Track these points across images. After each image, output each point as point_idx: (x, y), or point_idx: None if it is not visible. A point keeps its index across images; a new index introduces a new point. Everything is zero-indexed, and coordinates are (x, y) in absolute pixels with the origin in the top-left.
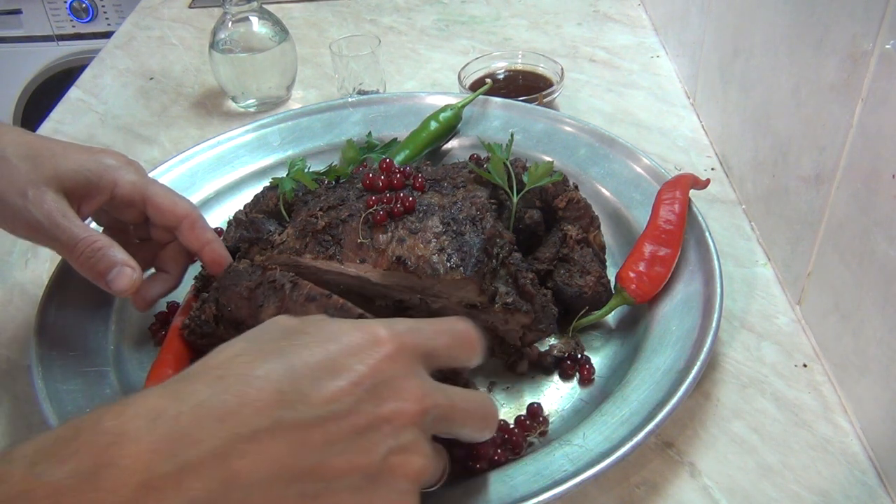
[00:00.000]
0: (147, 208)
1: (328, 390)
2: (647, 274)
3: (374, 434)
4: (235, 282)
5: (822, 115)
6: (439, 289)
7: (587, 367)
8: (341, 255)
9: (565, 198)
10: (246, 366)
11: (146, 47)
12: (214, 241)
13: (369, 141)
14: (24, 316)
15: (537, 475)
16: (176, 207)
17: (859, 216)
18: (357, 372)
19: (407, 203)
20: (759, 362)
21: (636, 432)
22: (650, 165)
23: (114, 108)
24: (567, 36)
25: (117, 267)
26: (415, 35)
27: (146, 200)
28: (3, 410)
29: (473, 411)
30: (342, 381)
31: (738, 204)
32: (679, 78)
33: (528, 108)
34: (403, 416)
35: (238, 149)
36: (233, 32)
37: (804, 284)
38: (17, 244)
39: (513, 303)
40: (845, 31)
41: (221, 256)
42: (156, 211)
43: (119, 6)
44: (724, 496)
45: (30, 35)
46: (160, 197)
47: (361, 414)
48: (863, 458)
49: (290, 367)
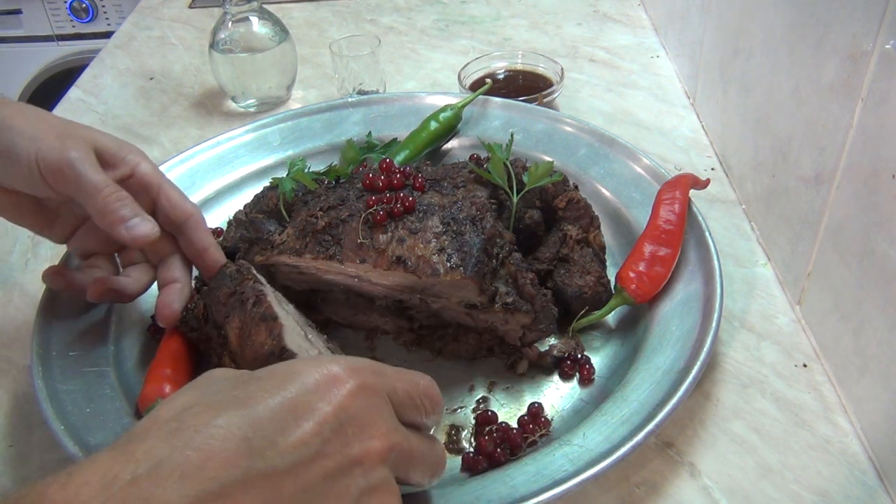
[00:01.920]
0: (160, 198)
1: (296, 434)
2: (647, 274)
3: (345, 478)
4: (218, 285)
5: (822, 115)
6: (439, 289)
7: (587, 367)
8: (341, 255)
9: (565, 198)
10: (202, 417)
11: (146, 47)
12: (214, 245)
13: (369, 141)
14: (24, 316)
15: (537, 475)
16: (186, 203)
17: (859, 216)
18: (321, 411)
19: (407, 203)
20: (759, 362)
21: (636, 432)
22: (650, 165)
23: (114, 108)
24: (567, 36)
25: (139, 217)
26: (415, 35)
27: (161, 189)
28: (3, 410)
29: (428, 456)
30: (308, 422)
31: (738, 204)
32: (679, 78)
33: (528, 108)
34: (373, 455)
35: (238, 149)
36: (233, 32)
37: (804, 284)
38: (17, 244)
39: (513, 303)
40: (845, 31)
41: (219, 263)
42: (168, 202)
43: (119, 6)
44: (724, 496)
45: (30, 35)
46: (174, 191)
47: (331, 456)
48: (863, 458)
49: (251, 414)
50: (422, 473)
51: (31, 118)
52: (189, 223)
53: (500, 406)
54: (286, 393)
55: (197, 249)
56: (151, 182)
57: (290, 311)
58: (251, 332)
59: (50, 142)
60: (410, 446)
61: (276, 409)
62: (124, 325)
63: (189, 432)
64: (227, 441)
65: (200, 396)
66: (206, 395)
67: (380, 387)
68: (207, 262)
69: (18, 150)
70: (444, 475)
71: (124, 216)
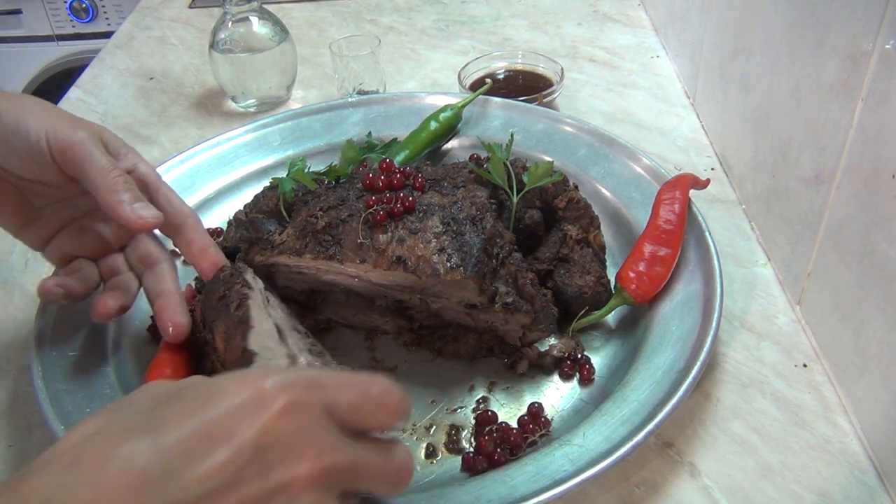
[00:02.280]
0: (159, 197)
1: (206, 463)
2: (647, 274)
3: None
4: (211, 289)
5: (822, 115)
6: (439, 289)
7: (587, 367)
8: (341, 255)
9: (565, 198)
10: (103, 447)
11: (146, 47)
12: (213, 246)
13: (369, 141)
14: (25, 316)
15: (537, 475)
16: (182, 205)
17: (859, 216)
18: (241, 436)
19: (407, 203)
20: (759, 362)
21: (636, 432)
22: (650, 165)
23: (114, 108)
24: (567, 36)
25: (143, 201)
26: (415, 35)
27: (159, 190)
28: (3, 410)
29: (383, 468)
30: (223, 449)
31: (738, 204)
32: (679, 78)
33: (528, 108)
34: (299, 480)
35: (238, 149)
36: (233, 32)
37: (804, 284)
38: (17, 244)
39: (513, 303)
40: (845, 31)
41: (219, 264)
42: (167, 202)
43: (119, 6)
44: (724, 496)
45: (30, 35)
46: (172, 193)
47: (247, 486)
48: (863, 458)
49: (158, 442)
50: (378, 485)
51: (43, 104)
52: (188, 223)
53: (500, 406)
54: (204, 415)
55: (197, 250)
56: (150, 181)
57: (277, 314)
58: (231, 335)
59: (62, 122)
60: (356, 461)
61: (188, 435)
62: (124, 325)
63: (84, 466)
64: (123, 476)
65: (111, 421)
66: (119, 418)
67: (315, 402)
68: (207, 263)
69: (28, 127)
70: (444, 476)
71: (126, 199)
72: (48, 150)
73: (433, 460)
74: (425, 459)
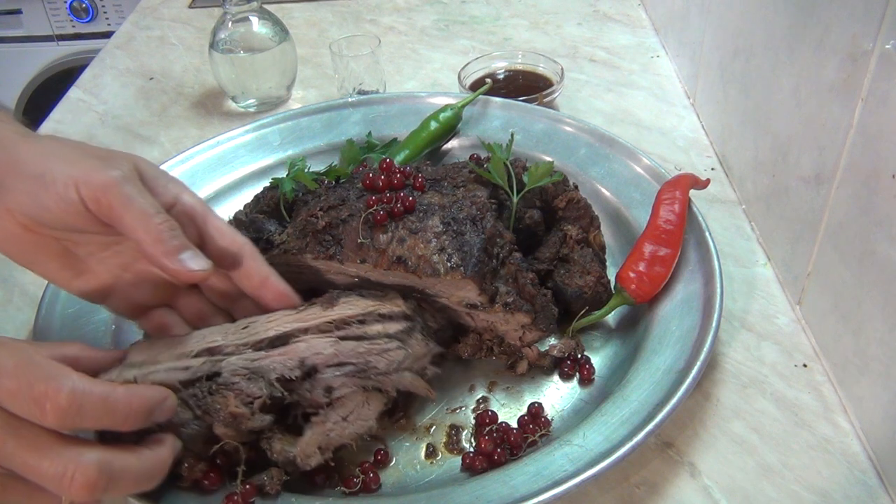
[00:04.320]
0: (208, 228)
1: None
2: (647, 274)
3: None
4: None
5: (822, 115)
6: (440, 289)
7: (587, 367)
8: (341, 254)
9: (565, 198)
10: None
11: (146, 47)
12: (274, 274)
13: (369, 141)
14: (24, 316)
15: (537, 475)
16: (235, 234)
17: (859, 216)
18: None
19: (407, 203)
20: (759, 362)
21: (636, 432)
22: (650, 165)
23: (114, 108)
24: (567, 36)
25: (192, 249)
26: (415, 35)
27: (206, 222)
28: None
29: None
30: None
31: (738, 204)
32: (679, 78)
33: (528, 108)
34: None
35: (238, 149)
36: (233, 32)
37: (804, 284)
38: None
39: (513, 303)
40: (845, 31)
41: (284, 292)
42: (217, 232)
43: (119, 6)
44: (724, 496)
45: (30, 35)
46: (221, 220)
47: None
48: (863, 458)
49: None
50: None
51: (68, 145)
52: (245, 251)
53: (500, 406)
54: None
55: (257, 282)
56: (197, 212)
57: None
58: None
59: (90, 162)
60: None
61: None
62: (124, 325)
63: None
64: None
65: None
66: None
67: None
68: (271, 295)
69: (55, 177)
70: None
71: (176, 247)
72: (80, 198)
73: (433, 460)
74: (425, 459)
